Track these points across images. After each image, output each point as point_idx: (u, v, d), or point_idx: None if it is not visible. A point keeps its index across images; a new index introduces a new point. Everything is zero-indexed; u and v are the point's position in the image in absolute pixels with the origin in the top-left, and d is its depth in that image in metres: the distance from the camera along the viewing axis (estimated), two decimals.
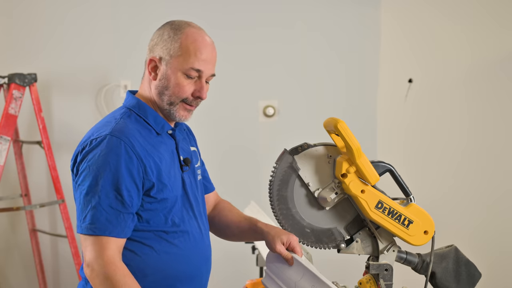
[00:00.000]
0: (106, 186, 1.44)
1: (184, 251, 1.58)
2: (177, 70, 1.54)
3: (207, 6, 3.40)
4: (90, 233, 1.43)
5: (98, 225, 1.43)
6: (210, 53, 1.58)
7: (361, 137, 1.66)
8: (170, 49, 1.54)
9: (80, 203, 1.47)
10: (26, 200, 3.35)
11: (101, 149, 1.46)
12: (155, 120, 1.58)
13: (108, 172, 1.44)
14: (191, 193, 1.63)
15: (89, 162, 1.46)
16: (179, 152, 1.63)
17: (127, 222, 1.47)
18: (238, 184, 3.47)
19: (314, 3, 3.45)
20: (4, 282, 3.47)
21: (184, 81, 1.55)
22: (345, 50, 3.49)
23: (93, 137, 1.50)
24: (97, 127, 1.55)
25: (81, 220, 1.45)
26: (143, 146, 1.50)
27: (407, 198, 1.60)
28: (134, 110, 1.58)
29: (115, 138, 1.47)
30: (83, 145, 1.51)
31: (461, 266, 1.65)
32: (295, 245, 1.62)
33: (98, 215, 1.43)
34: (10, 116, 3.06)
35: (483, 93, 3.54)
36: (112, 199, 1.44)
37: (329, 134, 1.64)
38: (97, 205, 1.43)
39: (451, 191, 3.56)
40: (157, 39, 1.58)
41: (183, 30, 1.55)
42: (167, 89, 1.55)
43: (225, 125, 3.46)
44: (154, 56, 1.56)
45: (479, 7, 3.52)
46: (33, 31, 3.37)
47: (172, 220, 1.56)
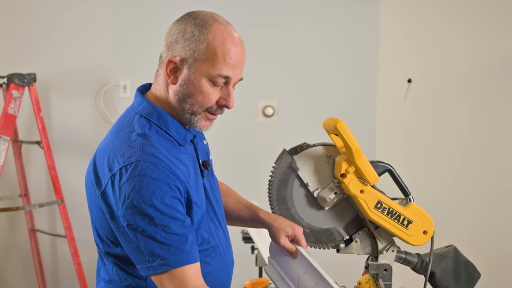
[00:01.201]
0: (160, 215, 1.26)
1: (217, 267, 1.47)
2: (202, 76, 1.34)
3: (206, 6, 3.39)
4: (167, 268, 1.26)
5: (172, 258, 1.26)
6: (240, 55, 1.37)
7: (360, 137, 1.66)
8: (194, 50, 1.33)
9: (139, 242, 1.27)
10: (25, 200, 3.35)
11: (139, 179, 1.26)
12: (177, 131, 1.40)
13: (156, 201, 1.26)
14: (213, 198, 1.51)
15: (129, 197, 1.26)
16: (198, 158, 1.48)
17: (193, 242, 1.31)
18: (238, 184, 3.45)
19: (314, 3, 3.45)
20: (3, 282, 3.47)
21: (209, 88, 1.35)
22: (344, 50, 3.49)
23: (121, 165, 1.29)
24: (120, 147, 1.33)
25: (149, 261, 1.27)
26: (176, 165, 1.33)
27: (406, 198, 1.60)
28: (153, 120, 1.38)
29: (149, 164, 1.28)
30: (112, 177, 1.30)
31: (461, 266, 1.65)
32: (300, 238, 1.54)
33: (167, 248, 1.26)
34: (9, 116, 3.05)
35: (482, 93, 3.55)
36: (173, 226, 1.27)
37: (328, 134, 1.64)
38: (161, 239, 1.26)
39: (450, 191, 3.56)
40: (177, 35, 1.35)
41: (210, 28, 1.34)
42: (189, 97, 1.35)
43: (224, 125, 3.45)
44: (174, 57, 1.35)
45: (478, 7, 3.52)
46: (32, 31, 3.37)
47: (201, 237, 1.43)
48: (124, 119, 1.42)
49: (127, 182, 1.27)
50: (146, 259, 1.27)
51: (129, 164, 1.28)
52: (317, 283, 1.43)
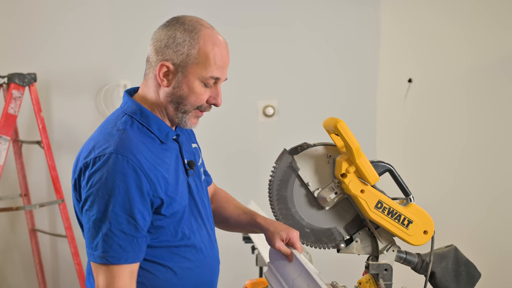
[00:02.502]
0: (117, 210, 1.33)
1: (198, 263, 1.52)
2: (195, 78, 1.44)
3: (206, 5, 3.40)
4: (104, 262, 1.33)
5: (111, 253, 1.33)
6: (226, 57, 1.50)
7: (360, 137, 1.66)
8: (187, 54, 1.42)
9: (89, 229, 1.36)
10: (25, 200, 3.35)
11: (107, 170, 1.33)
12: (159, 128, 1.47)
13: (118, 195, 1.33)
14: (197, 197, 1.56)
15: (95, 185, 1.34)
16: (183, 156, 1.54)
17: (141, 246, 1.38)
18: (238, 184, 3.46)
19: (313, 2, 3.45)
20: (3, 282, 3.47)
21: (202, 89, 1.45)
22: (344, 50, 3.49)
23: (95, 154, 1.36)
24: (98, 140, 1.41)
25: (93, 248, 1.35)
26: (149, 161, 1.39)
27: (407, 198, 1.60)
28: (136, 117, 1.46)
29: (121, 157, 1.34)
30: (85, 163, 1.37)
31: (461, 266, 1.65)
32: (295, 241, 1.59)
33: (111, 242, 1.33)
34: (9, 116, 3.06)
35: (482, 93, 3.54)
36: (124, 224, 1.34)
37: (328, 134, 1.64)
38: (108, 232, 1.33)
39: (450, 191, 3.56)
40: (167, 40, 1.43)
41: (199, 33, 1.43)
42: (183, 98, 1.45)
43: (225, 125, 3.46)
44: (167, 61, 1.43)
45: (479, 7, 3.52)
46: (32, 31, 3.37)
47: (182, 232, 1.48)
48: (110, 117, 1.51)
49: (97, 171, 1.34)
50: (91, 246, 1.36)
51: (103, 155, 1.35)
52: (309, 285, 1.44)
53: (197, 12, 3.55)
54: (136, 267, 1.39)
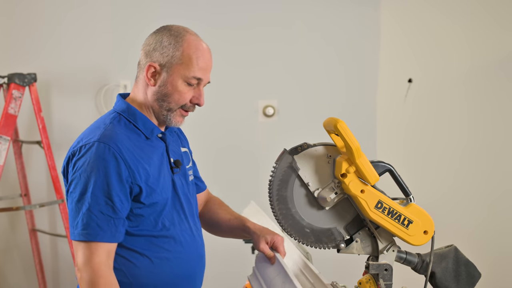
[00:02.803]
0: (96, 192, 1.45)
1: (176, 254, 1.61)
2: (179, 77, 1.57)
3: (206, 6, 3.40)
4: (82, 239, 1.45)
5: (89, 231, 1.45)
6: (209, 61, 1.62)
7: (360, 137, 1.66)
8: (172, 56, 1.56)
9: (71, 210, 1.49)
10: (25, 200, 3.35)
11: (90, 156, 1.47)
12: (144, 124, 1.60)
13: (97, 178, 1.46)
14: (182, 194, 1.66)
15: (79, 169, 1.48)
16: (169, 155, 1.65)
17: (118, 227, 1.49)
18: (238, 184, 3.47)
19: (313, 2, 3.45)
20: (4, 282, 3.47)
21: (185, 88, 1.58)
22: (344, 50, 3.49)
23: (82, 143, 1.51)
24: (87, 133, 1.56)
25: (74, 227, 1.47)
26: (131, 151, 1.52)
27: (407, 198, 1.60)
28: (124, 114, 1.60)
29: (103, 144, 1.48)
30: (73, 151, 1.52)
31: (461, 266, 1.65)
32: (278, 245, 1.72)
33: (89, 221, 1.45)
34: (9, 116, 3.06)
35: (482, 93, 3.54)
36: (102, 205, 1.46)
37: (328, 134, 1.64)
38: (87, 212, 1.45)
39: (450, 191, 3.56)
40: (155, 44, 1.59)
41: (184, 38, 1.57)
42: (168, 96, 1.58)
43: (225, 125, 3.46)
44: (154, 63, 1.58)
45: (479, 7, 3.52)
46: (32, 31, 3.37)
47: (162, 223, 1.59)
48: (101, 117, 1.66)
49: (81, 157, 1.48)
50: (73, 225, 1.48)
51: (88, 143, 1.50)
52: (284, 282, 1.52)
53: (197, 13, 3.58)
54: (113, 247, 1.49)
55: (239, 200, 2.96)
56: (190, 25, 3.44)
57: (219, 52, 3.44)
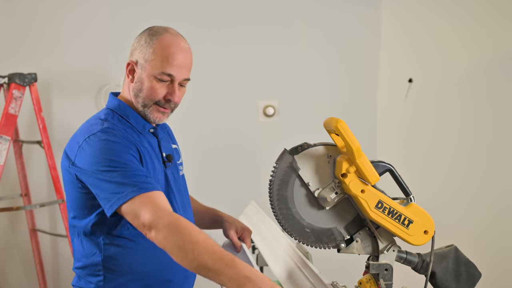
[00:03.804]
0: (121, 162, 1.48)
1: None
2: (150, 74, 1.62)
3: (206, 5, 3.40)
4: (135, 194, 1.43)
5: (140, 186, 1.45)
6: (184, 58, 1.64)
7: (361, 137, 1.66)
8: (145, 54, 1.63)
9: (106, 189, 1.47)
10: (26, 200, 3.35)
11: (99, 141, 1.52)
12: (135, 120, 1.66)
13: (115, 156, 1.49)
14: (174, 187, 1.72)
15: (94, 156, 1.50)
16: (161, 149, 1.72)
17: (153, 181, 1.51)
18: (238, 184, 3.47)
19: (314, 2, 3.46)
20: (4, 282, 3.47)
21: (156, 84, 1.63)
22: (345, 49, 3.49)
23: (86, 136, 1.55)
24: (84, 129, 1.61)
25: (119, 193, 1.45)
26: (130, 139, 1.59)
27: (407, 198, 1.60)
28: (116, 111, 1.67)
29: (105, 132, 1.55)
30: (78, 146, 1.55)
31: (461, 266, 1.65)
32: (246, 237, 1.83)
33: (134, 179, 1.46)
34: (10, 116, 3.06)
35: (482, 93, 3.55)
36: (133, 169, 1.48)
37: (329, 134, 1.64)
38: (126, 177, 1.46)
39: (451, 191, 3.56)
40: (136, 44, 1.68)
41: (159, 36, 1.64)
42: (141, 92, 1.64)
43: (225, 125, 3.47)
44: (132, 60, 1.67)
45: (479, 7, 3.52)
46: (33, 31, 3.37)
47: None
48: (93, 116, 1.71)
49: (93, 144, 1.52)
50: (117, 191, 1.45)
51: (92, 134, 1.55)
52: None
53: (197, 13, 3.57)
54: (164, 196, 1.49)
55: (240, 200, 2.97)
56: (190, 25, 3.44)
57: (219, 53, 3.45)
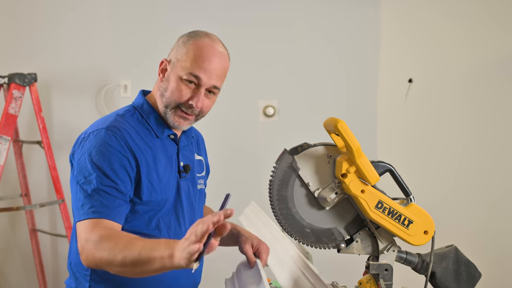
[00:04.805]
0: (100, 174, 1.46)
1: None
2: (178, 74, 1.57)
3: (206, 5, 3.40)
4: (88, 217, 1.43)
5: (96, 209, 1.44)
6: (216, 64, 1.59)
7: (361, 137, 1.66)
8: (178, 53, 1.59)
9: (76, 192, 1.49)
10: (26, 200, 3.35)
11: (96, 140, 1.50)
12: (156, 123, 1.62)
13: (102, 161, 1.47)
14: (185, 199, 1.65)
15: (85, 153, 1.49)
16: (179, 158, 1.65)
17: (121, 208, 1.48)
18: (238, 184, 3.46)
19: (314, 2, 3.45)
20: (4, 282, 3.47)
21: (182, 85, 1.57)
22: (345, 50, 3.49)
23: (92, 130, 1.54)
24: (98, 122, 1.59)
25: (79, 209, 1.46)
26: (136, 143, 1.54)
27: (407, 198, 1.60)
28: (139, 109, 1.63)
29: (110, 132, 1.51)
30: (83, 137, 1.55)
31: (461, 266, 1.65)
32: (262, 252, 1.71)
33: (94, 201, 1.45)
34: (10, 116, 3.06)
35: (482, 93, 3.54)
36: (107, 186, 1.46)
37: (329, 134, 1.64)
38: (92, 192, 1.45)
39: (451, 191, 3.56)
40: (176, 43, 1.64)
41: (197, 38, 1.59)
42: (166, 91, 1.60)
43: (225, 125, 3.46)
44: (166, 58, 1.63)
45: (479, 7, 3.52)
46: (33, 31, 3.37)
47: (156, 224, 1.58)
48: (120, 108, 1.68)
49: (89, 142, 1.51)
50: (78, 207, 1.47)
51: (97, 130, 1.53)
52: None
53: (197, 13, 3.57)
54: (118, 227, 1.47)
55: (240, 200, 2.96)
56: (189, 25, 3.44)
57: None
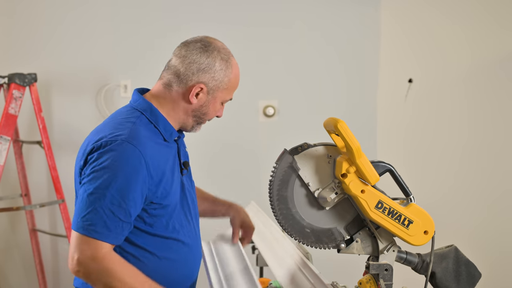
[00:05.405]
0: (114, 192, 1.43)
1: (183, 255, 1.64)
2: (220, 100, 1.67)
3: (206, 5, 3.40)
4: (86, 233, 1.42)
5: (95, 228, 1.42)
6: None
7: (361, 137, 1.66)
8: (220, 81, 1.64)
9: (82, 200, 1.45)
10: (26, 200, 3.35)
11: (116, 154, 1.45)
12: (165, 127, 1.62)
13: (120, 179, 1.43)
14: (188, 195, 1.70)
15: (103, 164, 1.44)
16: (180, 156, 1.69)
17: (124, 231, 1.48)
18: (238, 184, 3.46)
19: (314, 2, 3.45)
20: (4, 282, 3.47)
21: (220, 107, 1.70)
22: (345, 50, 3.49)
23: (108, 138, 1.48)
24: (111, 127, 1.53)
25: (79, 218, 1.43)
26: (154, 155, 1.52)
27: (407, 198, 1.60)
28: (146, 114, 1.61)
29: (132, 147, 1.47)
30: (97, 144, 1.48)
31: (461, 266, 1.65)
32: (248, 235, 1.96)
33: (98, 218, 1.42)
34: (10, 116, 3.06)
35: (483, 93, 3.54)
36: (115, 206, 1.44)
37: (329, 134, 1.64)
38: (99, 208, 1.42)
39: (451, 191, 3.56)
40: (206, 65, 1.61)
41: (231, 63, 1.65)
42: (205, 115, 1.67)
43: (225, 125, 3.45)
44: (202, 84, 1.62)
45: (479, 7, 3.52)
46: (33, 31, 3.37)
47: (172, 226, 1.61)
48: (119, 111, 1.65)
49: (107, 152, 1.45)
50: (80, 215, 1.44)
51: (115, 140, 1.47)
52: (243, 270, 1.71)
53: (197, 13, 3.56)
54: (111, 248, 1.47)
55: (240, 200, 2.96)
56: (189, 24, 3.44)
57: None
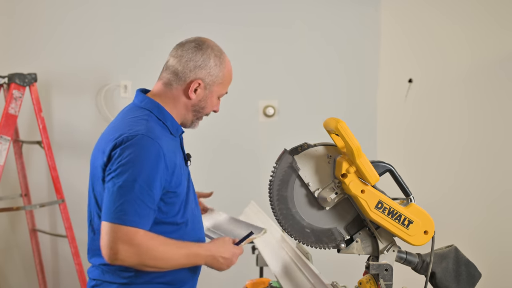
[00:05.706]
0: (142, 182, 1.55)
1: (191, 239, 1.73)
2: (216, 94, 1.78)
3: (206, 6, 3.40)
4: (121, 222, 1.52)
5: (129, 217, 1.53)
6: None
7: (361, 137, 1.66)
8: (215, 76, 1.75)
9: (112, 193, 1.55)
10: (26, 200, 3.35)
11: (138, 147, 1.57)
12: (171, 123, 1.73)
13: (145, 170, 1.55)
14: (191, 185, 1.80)
15: (127, 157, 1.56)
16: (183, 149, 1.81)
17: (151, 217, 1.59)
18: (238, 184, 3.47)
19: (314, 2, 3.45)
20: (4, 282, 3.47)
21: (217, 102, 1.81)
22: (345, 50, 3.49)
23: (129, 134, 1.59)
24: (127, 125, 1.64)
25: (112, 210, 1.54)
26: (168, 149, 1.64)
27: (407, 198, 1.60)
28: (154, 112, 1.71)
29: (151, 140, 1.59)
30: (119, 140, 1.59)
31: (461, 266, 1.65)
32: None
33: (131, 207, 1.53)
34: (10, 116, 3.06)
35: (482, 93, 3.54)
36: (145, 195, 1.55)
37: (329, 134, 1.64)
38: (130, 199, 1.54)
39: (451, 191, 3.56)
40: (202, 62, 1.73)
41: (224, 59, 1.78)
42: (203, 109, 1.78)
43: (225, 125, 3.46)
44: (200, 80, 1.73)
45: (479, 7, 3.52)
46: (33, 31, 3.37)
47: (183, 213, 1.71)
48: (127, 111, 1.75)
49: (129, 147, 1.57)
50: (111, 208, 1.54)
51: (135, 135, 1.59)
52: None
53: (197, 14, 3.56)
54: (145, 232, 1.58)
55: (240, 200, 2.97)
56: (189, 24, 3.44)
57: None
